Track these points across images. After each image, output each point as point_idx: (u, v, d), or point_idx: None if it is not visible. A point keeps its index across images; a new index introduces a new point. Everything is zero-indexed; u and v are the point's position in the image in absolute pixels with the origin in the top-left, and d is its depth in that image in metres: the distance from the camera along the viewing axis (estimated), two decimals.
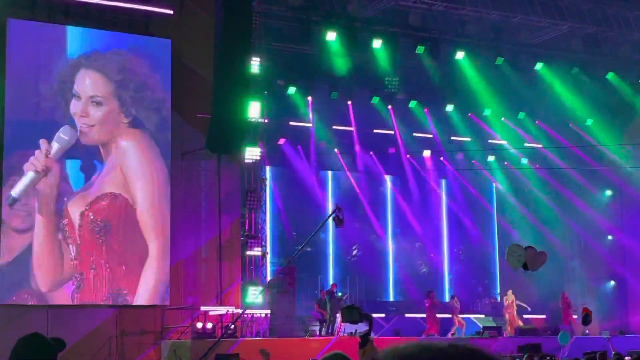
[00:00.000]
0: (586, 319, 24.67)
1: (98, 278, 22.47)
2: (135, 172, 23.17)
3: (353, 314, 12.75)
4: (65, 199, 22.34)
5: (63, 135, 22.28)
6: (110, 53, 23.21)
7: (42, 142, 22.08)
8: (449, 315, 26.74)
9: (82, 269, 22.35)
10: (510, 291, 27.33)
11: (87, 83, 22.88)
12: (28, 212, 21.98)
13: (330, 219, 23.69)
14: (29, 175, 21.84)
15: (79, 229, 22.40)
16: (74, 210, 22.42)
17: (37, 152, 21.99)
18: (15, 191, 21.74)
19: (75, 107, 22.62)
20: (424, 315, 26.41)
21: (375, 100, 28.87)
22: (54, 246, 22.10)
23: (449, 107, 29.93)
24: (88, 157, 22.84)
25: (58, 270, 22.11)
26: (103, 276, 22.51)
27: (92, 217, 22.55)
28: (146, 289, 22.95)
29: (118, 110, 23.13)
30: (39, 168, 21.94)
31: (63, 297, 22.18)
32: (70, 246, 22.30)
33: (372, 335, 12.17)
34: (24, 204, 21.91)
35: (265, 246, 25.54)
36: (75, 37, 22.89)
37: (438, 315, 26.29)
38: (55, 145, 22.16)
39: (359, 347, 11.49)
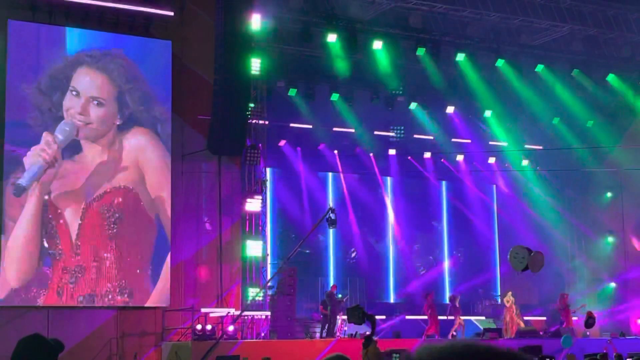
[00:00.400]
0: (588, 322, 24.64)
1: (101, 272, 22.42)
2: (145, 168, 23.24)
3: (356, 315, 12.79)
4: (54, 193, 22.20)
5: (65, 127, 22.35)
6: (111, 54, 23.21)
7: (46, 134, 22.11)
8: (450, 317, 26.68)
9: (82, 262, 22.23)
10: (510, 293, 27.28)
11: (88, 82, 22.87)
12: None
13: (325, 221, 23.73)
14: (37, 165, 21.87)
15: (80, 221, 22.34)
16: (69, 203, 22.29)
17: (43, 142, 22.02)
18: (24, 180, 21.73)
19: (72, 102, 22.58)
20: (425, 317, 26.39)
21: (376, 102, 28.85)
22: (35, 240, 21.97)
23: (450, 109, 29.92)
24: (77, 152, 22.73)
25: (33, 265, 21.89)
26: (107, 270, 22.48)
27: (101, 210, 22.56)
28: (164, 290, 23.06)
29: (115, 112, 23.13)
30: (48, 158, 21.98)
31: (30, 296, 21.88)
32: (57, 240, 22.12)
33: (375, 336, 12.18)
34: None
35: (266, 248, 25.52)
36: (75, 39, 22.89)
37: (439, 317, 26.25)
38: (59, 137, 22.23)
39: (363, 348, 11.51)
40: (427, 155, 30.97)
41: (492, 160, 31.68)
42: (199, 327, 21.77)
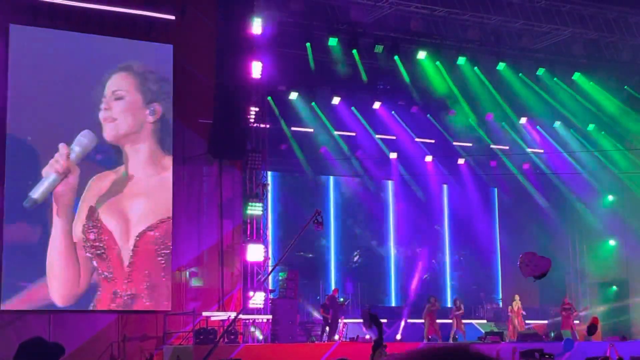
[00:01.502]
0: (591, 330, 24.55)
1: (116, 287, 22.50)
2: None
3: (364, 319, 12.91)
4: (103, 212, 22.25)
5: (82, 138, 22.38)
6: (111, 57, 23.23)
7: (62, 146, 22.10)
8: (450, 320, 26.68)
9: (134, 290, 22.42)
10: (518, 296, 27.28)
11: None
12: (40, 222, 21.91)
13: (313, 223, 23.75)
14: (50, 178, 21.85)
15: (134, 248, 22.52)
16: (117, 224, 22.37)
17: (57, 154, 22.01)
18: (36, 193, 21.68)
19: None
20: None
21: (377, 105, 28.86)
22: (70, 254, 21.84)
23: (451, 113, 29.93)
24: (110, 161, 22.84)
25: (75, 281, 21.85)
26: (122, 284, 22.55)
27: (152, 241, 22.73)
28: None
29: (141, 105, 23.08)
30: (60, 170, 21.96)
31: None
32: (94, 254, 22.05)
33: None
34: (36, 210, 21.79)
35: (267, 251, 25.51)
36: (76, 42, 22.88)
37: (440, 320, 26.23)
38: (76, 149, 22.25)
39: (372, 351, 11.58)
40: (429, 158, 30.98)
41: (493, 163, 31.68)
42: (200, 330, 21.76)
